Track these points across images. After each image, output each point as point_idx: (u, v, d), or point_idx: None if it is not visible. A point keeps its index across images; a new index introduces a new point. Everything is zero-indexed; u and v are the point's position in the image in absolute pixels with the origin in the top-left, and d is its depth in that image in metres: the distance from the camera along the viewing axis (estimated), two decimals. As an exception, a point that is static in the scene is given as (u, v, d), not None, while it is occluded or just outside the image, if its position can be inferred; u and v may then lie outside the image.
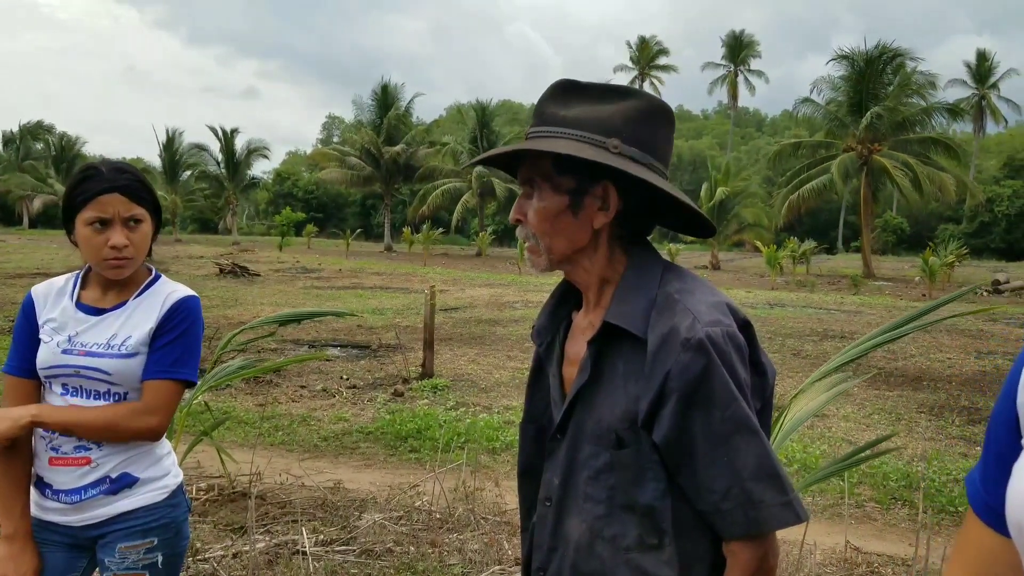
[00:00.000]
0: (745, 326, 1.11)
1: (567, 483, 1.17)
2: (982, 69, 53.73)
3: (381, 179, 42.40)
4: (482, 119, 42.88)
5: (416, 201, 42.48)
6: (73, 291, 1.73)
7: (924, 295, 21.66)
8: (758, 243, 28.74)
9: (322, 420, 6.24)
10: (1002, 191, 46.58)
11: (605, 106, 1.13)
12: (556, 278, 1.24)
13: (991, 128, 57.56)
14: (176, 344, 1.67)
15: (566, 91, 1.16)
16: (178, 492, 1.77)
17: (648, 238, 1.23)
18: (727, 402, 1.03)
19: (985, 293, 23.08)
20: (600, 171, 1.10)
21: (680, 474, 1.08)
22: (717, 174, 33.23)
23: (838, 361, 2.61)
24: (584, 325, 1.21)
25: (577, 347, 1.21)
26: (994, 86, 53.97)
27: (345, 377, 7.97)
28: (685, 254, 36.97)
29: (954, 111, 30.27)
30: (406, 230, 37.65)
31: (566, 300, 1.30)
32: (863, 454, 2.78)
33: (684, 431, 1.05)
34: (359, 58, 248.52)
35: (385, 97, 42.65)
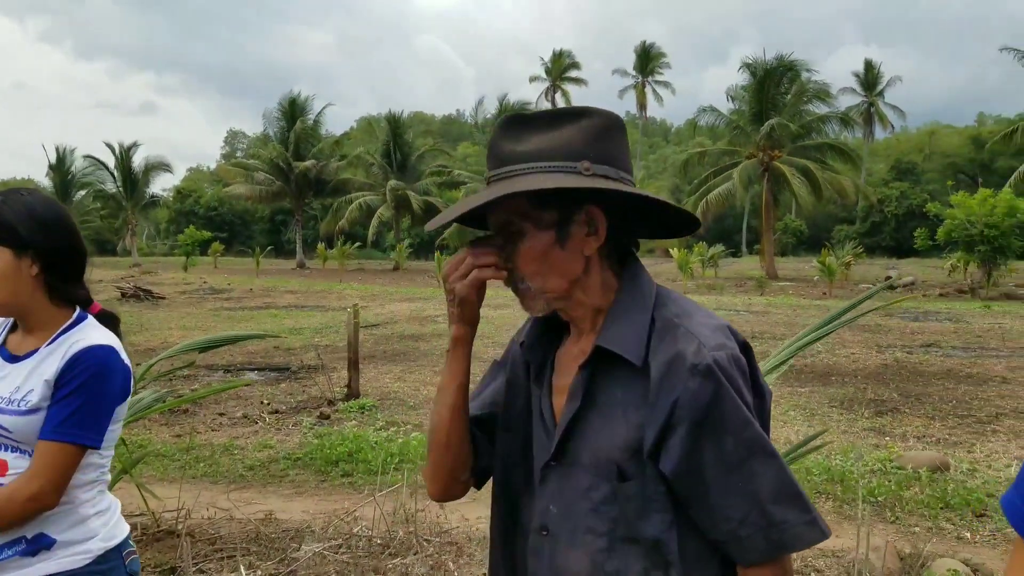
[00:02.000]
0: (745, 348, 1.09)
1: (565, 513, 1.12)
2: (870, 77, 57.32)
3: (291, 193, 41.25)
4: (395, 131, 42.49)
5: (329, 216, 41.56)
6: (2, 334, 1.58)
7: (825, 293, 22.93)
8: (671, 249, 29.74)
9: (246, 448, 5.96)
10: (891, 192, 50.00)
11: (561, 131, 1.08)
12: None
13: (879, 134, 61.57)
14: (71, 400, 1.46)
15: (515, 125, 1.10)
16: (111, 557, 1.57)
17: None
18: (740, 427, 1.01)
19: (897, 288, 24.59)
20: (581, 196, 1.06)
21: (691, 504, 1.05)
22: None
23: (773, 362, 2.71)
24: (575, 353, 1.16)
25: (564, 379, 1.15)
26: (881, 93, 57.78)
27: (266, 402, 7.67)
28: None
29: (845, 120, 32.44)
30: (320, 245, 36.74)
31: (552, 325, 1.22)
32: (801, 450, 2.89)
33: (695, 460, 1.02)
34: (263, 71, 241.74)
35: (293, 110, 41.59)
